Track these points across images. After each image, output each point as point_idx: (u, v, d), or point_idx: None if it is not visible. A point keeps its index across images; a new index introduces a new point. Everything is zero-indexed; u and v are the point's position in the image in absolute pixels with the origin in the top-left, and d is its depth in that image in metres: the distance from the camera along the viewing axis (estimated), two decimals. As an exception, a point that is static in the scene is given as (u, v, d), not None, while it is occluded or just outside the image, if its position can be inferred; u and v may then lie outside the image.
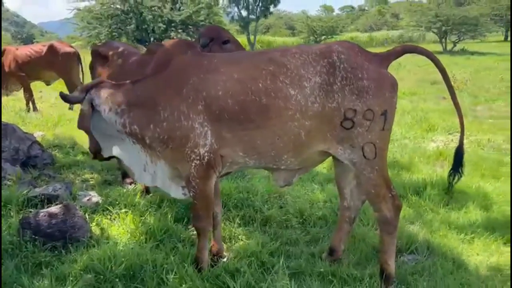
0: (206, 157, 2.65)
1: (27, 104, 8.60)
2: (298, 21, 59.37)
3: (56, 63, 8.59)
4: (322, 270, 2.88)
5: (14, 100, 9.74)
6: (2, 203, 3.64)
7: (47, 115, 7.63)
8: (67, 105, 9.17)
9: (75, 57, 8.83)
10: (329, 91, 2.56)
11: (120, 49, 4.16)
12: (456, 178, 2.94)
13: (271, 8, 28.26)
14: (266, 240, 3.33)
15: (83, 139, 6.35)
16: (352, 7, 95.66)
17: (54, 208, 3.25)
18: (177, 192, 2.83)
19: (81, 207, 3.67)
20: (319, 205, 4.01)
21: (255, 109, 2.57)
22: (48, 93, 11.60)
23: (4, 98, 9.09)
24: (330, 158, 2.88)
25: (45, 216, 3.17)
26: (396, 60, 2.87)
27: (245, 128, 2.61)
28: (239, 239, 3.41)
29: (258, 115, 2.57)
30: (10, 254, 2.99)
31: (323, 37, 46.79)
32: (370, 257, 3.15)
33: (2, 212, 3.56)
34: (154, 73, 2.78)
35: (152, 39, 32.40)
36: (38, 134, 6.20)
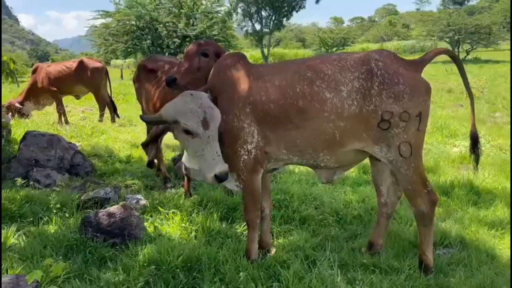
0: (253, 153, 2.96)
1: (60, 117, 8.98)
2: (309, 33, 60.07)
3: (85, 78, 9.01)
4: (364, 261, 3.09)
5: (44, 114, 10.16)
6: (57, 205, 3.93)
7: (80, 127, 7.97)
8: (95, 118, 9.58)
9: (103, 72, 9.23)
10: (366, 95, 2.82)
11: (166, 62, 4.47)
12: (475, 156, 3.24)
13: (284, 21, 28.63)
14: (306, 236, 3.55)
15: (119, 149, 6.70)
16: (362, 18, 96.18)
17: (112, 208, 3.52)
18: (231, 184, 3.10)
19: (124, 204, 3.94)
20: (353, 205, 4.23)
21: (293, 112, 2.87)
22: (74, 107, 12.08)
23: (35, 112, 9.52)
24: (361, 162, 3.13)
25: (104, 215, 3.44)
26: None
27: (286, 128, 2.92)
28: (281, 236, 3.64)
29: (296, 116, 2.86)
30: (75, 250, 3.26)
31: (334, 49, 47.20)
32: (408, 251, 3.35)
33: (58, 213, 3.86)
34: (213, 82, 3.09)
35: (166, 54, 33.08)
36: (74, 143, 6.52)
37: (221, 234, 3.53)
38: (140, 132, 7.99)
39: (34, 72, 8.96)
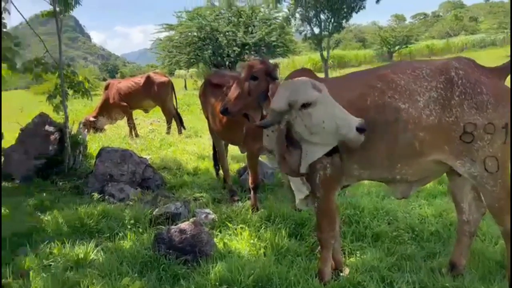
0: (329, 169, 2.84)
1: (131, 131, 9.44)
2: (369, 33, 58.47)
3: (152, 92, 9.40)
4: (446, 284, 2.87)
5: (116, 127, 10.72)
6: (131, 221, 4.09)
7: (149, 140, 8.30)
8: (162, 130, 9.93)
9: (169, 86, 9.58)
10: (446, 106, 2.64)
11: (231, 77, 4.52)
12: None
13: (343, 23, 28.08)
14: (381, 255, 3.38)
15: (186, 161, 6.87)
16: (425, 14, 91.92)
17: (184, 225, 3.58)
18: (303, 202, 3.01)
19: (195, 221, 3.99)
20: (429, 220, 3.98)
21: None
22: (143, 119, 12.62)
23: (108, 126, 10.08)
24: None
25: (176, 231, 3.51)
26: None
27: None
28: (353, 254, 3.50)
29: (368, 129, 2.71)
30: (149, 266, 3.35)
31: (397, 47, 45.52)
32: (494, 272, 3.07)
33: (132, 229, 4.01)
34: None
35: (227, 62, 33.78)
36: (146, 158, 6.79)
37: (291, 252, 3.46)
38: (206, 144, 8.15)
39: (106, 88, 9.52)
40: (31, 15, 6.46)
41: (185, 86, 33.72)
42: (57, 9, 5.85)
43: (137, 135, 9.33)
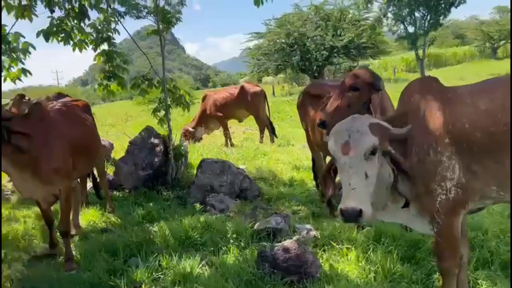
0: (453, 192, 2.52)
1: (226, 141, 9.68)
2: (468, 28, 53.95)
3: (246, 102, 9.54)
4: None
5: (212, 136, 11.07)
6: (234, 235, 4.10)
7: (244, 150, 8.40)
8: (255, 138, 10.02)
9: (262, 95, 9.65)
10: None
11: (331, 87, 4.34)
12: None
13: (441, 20, 26.24)
14: (512, 287, 2.95)
15: (281, 171, 6.80)
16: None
17: (287, 243, 3.48)
18: (423, 227, 2.72)
19: (299, 239, 3.86)
20: None
21: (507, 140, 2.35)
22: (236, 128, 12.88)
23: (206, 136, 10.43)
24: None
25: (280, 250, 3.42)
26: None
27: (498, 160, 2.43)
28: (478, 284, 3.10)
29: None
30: (253, 285, 3.29)
31: (501, 42, 41.50)
32: None
33: (235, 243, 4.00)
34: (401, 110, 2.80)
35: (315, 67, 33.47)
36: (243, 168, 6.86)
37: (405, 278, 3.17)
38: (299, 153, 8.04)
39: (203, 100, 9.89)
40: (133, 32, 6.87)
41: (273, 93, 34.04)
42: (161, 27, 6.15)
43: (232, 145, 9.53)
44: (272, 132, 9.61)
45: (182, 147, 6.50)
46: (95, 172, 5.43)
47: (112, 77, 6.41)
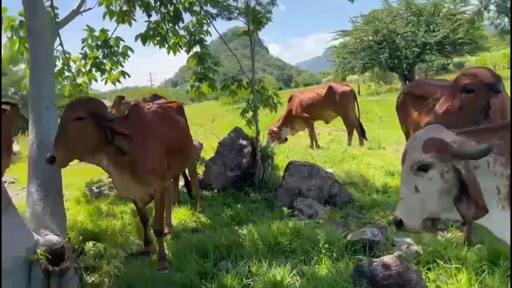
0: None
1: (312, 142, 9.45)
2: None
3: (334, 102, 9.21)
4: None
5: (296, 137, 10.91)
6: (326, 245, 3.88)
7: (331, 152, 8.11)
8: (342, 140, 9.64)
9: (351, 95, 9.26)
10: None
11: (437, 87, 3.93)
12: None
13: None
14: None
15: (373, 176, 6.41)
16: None
17: (387, 258, 3.19)
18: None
19: (400, 255, 3.52)
20: None
21: None
22: (322, 129, 12.57)
23: (290, 137, 10.29)
24: None
25: (379, 266, 3.14)
26: None
27: None
28: None
29: None
30: (350, 301, 3.06)
31: None
32: None
33: (327, 253, 3.78)
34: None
35: (404, 65, 31.81)
36: (331, 172, 6.59)
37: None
38: (392, 157, 7.54)
39: (289, 100, 9.75)
40: (220, 33, 6.93)
41: (359, 92, 32.94)
42: (251, 27, 6.11)
43: (318, 146, 9.27)
44: (362, 134, 9.18)
45: (269, 149, 6.42)
46: (187, 171, 5.55)
47: (203, 78, 6.54)
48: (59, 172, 3.84)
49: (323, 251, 3.75)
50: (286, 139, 9.69)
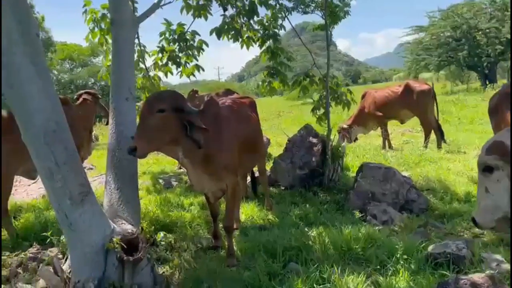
0: None
1: (384, 142, 9.01)
2: None
3: (411, 101, 8.69)
4: None
5: (366, 137, 10.48)
6: (404, 255, 3.61)
7: (406, 154, 7.66)
8: (417, 141, 9.08)
9: (430, 94, 8.67)
10: None
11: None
12: None
13: None
14: None
15: (453, 183, 5.94)
16: None
17: (477, 277, 2.87)
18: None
19: (492, 275, 3.17)
20: None
21: None
22: (393, 129, 11.97)
23: (361, 136, 9.88)
24: None
25: (467, 285, 2.83)
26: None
27: None
28: None
29: None
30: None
31: None
32: None
33: (405, 265, 3.51)
34: None
35: (485, 63, 29.65)
36: (409, 177, 6.20)
37: None
38: (474, 163, 6.92)
39: (362, 97, 9.35)
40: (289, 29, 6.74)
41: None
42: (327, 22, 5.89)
43: (391, 147, 8.82)
44: (441, 136, 8.57)
45: (340, 148, 6.17)
46: (255, 168, 5.48)
47: (275, 74, 6.43)
48: (136, 162, 3.92)
49: (401, 262, 3.48)
50: (356, 139, 9.32)
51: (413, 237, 4.01)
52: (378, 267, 3.57)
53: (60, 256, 3.69)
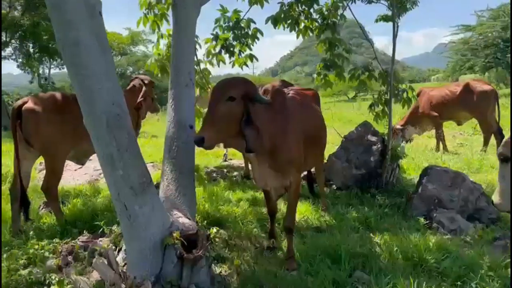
0: None
1: (438, 143, 8.51)
2: None
3: (471, 102, 8.13)
4: None
5: (416, 138, 9.96)
6: (489, 272, 3.23)
7: (465, 158, 7.15)
8: (473, 146, 8.52)
9: (492, 95, 8.09)
10: None
11: None
12: None
13: None
14: None
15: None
16: None
17: None
18: None
19: None
20: None
21: None
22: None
23: (417, 137, 9.35)
24: None
25: None
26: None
27: None
28: None
29: None
30: None
31: None
32: None
33: (489, 281, 3.14)
34: None
35: (534, 66, 28.06)
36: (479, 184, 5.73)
37: None
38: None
39: (417, 96, 8.84)
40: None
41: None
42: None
43: (446, 150, 8.30)
44: (501, 140, 7.96)
45: (399, 148, 5.77)
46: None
47: (331, 66, 6.08)
48: (193, 152, 3.70)
49: (487, 280, 3.11)
50: (411, 139, 8.82)
51: (494, 251, 3.61)
52: (458, 282, 3.21)
53: (113, 247, 3.50)
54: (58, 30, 2.53)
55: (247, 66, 6.14)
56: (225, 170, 6.73)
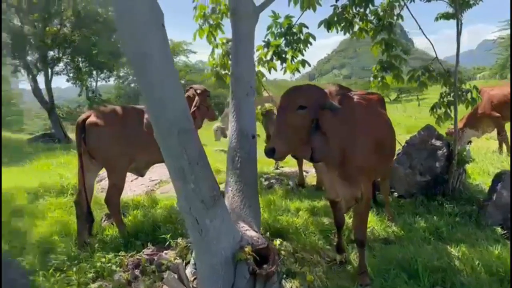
0: None
1: (500, 145, 8.01)
2: None
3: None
4: None
5: (481, 140, 9.46)
6: None
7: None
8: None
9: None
10: None
11: None
12: None
13: None
14: None
15: None
16: None
17: None
18: None
19: None
20: None
21: None
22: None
23: (475, 140, 8.86)
24: None
25: None
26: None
27: None
28: None
29: None
30: None
31: None
32: None
33: None
34: None
35: None
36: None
37: None
38: None
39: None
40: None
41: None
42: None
43: (510, 152, 7.79)
44: None
45: (465, 152, 5.42)
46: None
47: (388, 68, 5.84)
48: (256, 163, 3.60)
49: None
50: (470, 142, 8.34)
51: None
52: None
53: (179, 260, 3.45)
54: (127, 41, 2.50)
55: (299, 71, 6.01)
56: (279, 178, 6.60)
